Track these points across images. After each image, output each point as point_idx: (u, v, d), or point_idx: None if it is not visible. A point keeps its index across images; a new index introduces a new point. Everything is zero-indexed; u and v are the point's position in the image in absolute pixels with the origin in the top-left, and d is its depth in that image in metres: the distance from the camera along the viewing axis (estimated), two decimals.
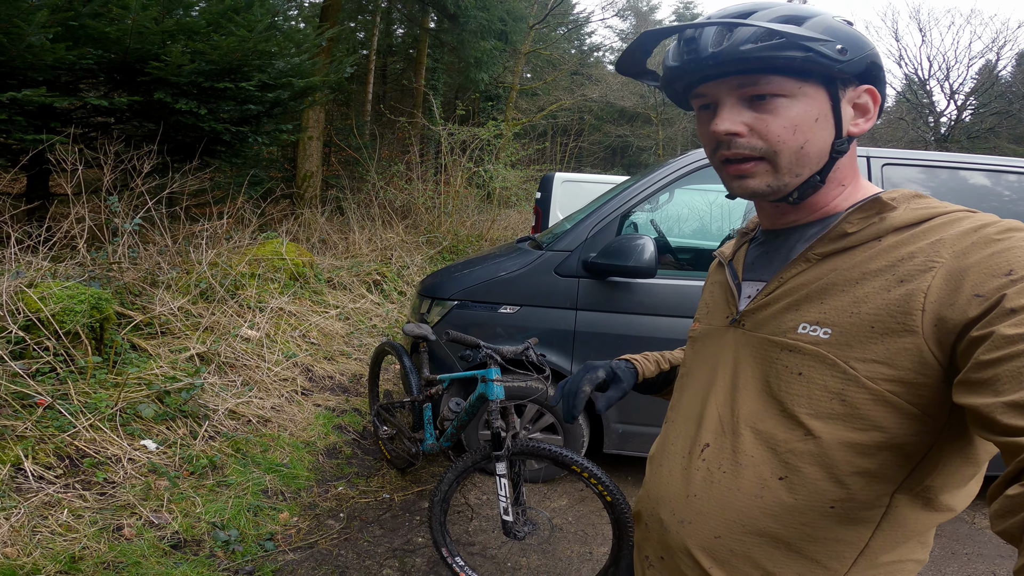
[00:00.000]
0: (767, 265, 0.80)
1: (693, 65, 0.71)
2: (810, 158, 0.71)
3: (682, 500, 0.77)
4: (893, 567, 0.69)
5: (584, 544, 2.55)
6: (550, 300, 2.78)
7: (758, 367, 0.73)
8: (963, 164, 2.82)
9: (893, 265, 0.64)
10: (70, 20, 3.97)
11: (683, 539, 0.76)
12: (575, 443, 2.86)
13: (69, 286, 2.82)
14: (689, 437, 0.80)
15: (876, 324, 0.63)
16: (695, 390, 0.83)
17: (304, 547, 2.36)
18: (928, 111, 21.23)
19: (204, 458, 2.63)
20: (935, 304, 0.59)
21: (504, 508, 2.00)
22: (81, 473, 2.36)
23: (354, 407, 3.66)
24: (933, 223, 0.65)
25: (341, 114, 13.88)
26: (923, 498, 0.65)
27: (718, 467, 0.74)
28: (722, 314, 0.84)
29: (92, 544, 2.05)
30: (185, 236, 4.73)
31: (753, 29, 0.67)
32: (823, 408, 0.65)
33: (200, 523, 2.30)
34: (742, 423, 0.73)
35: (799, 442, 0.67)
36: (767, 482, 0.69)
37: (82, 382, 2.68)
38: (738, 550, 0.71)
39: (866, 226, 0.69)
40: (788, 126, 0.70)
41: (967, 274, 0.58)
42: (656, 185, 2.81)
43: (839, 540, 0.67)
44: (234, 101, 5.30)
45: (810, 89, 0.69)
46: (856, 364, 0.63)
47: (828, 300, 0.68)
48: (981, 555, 2.60)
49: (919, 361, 0.60)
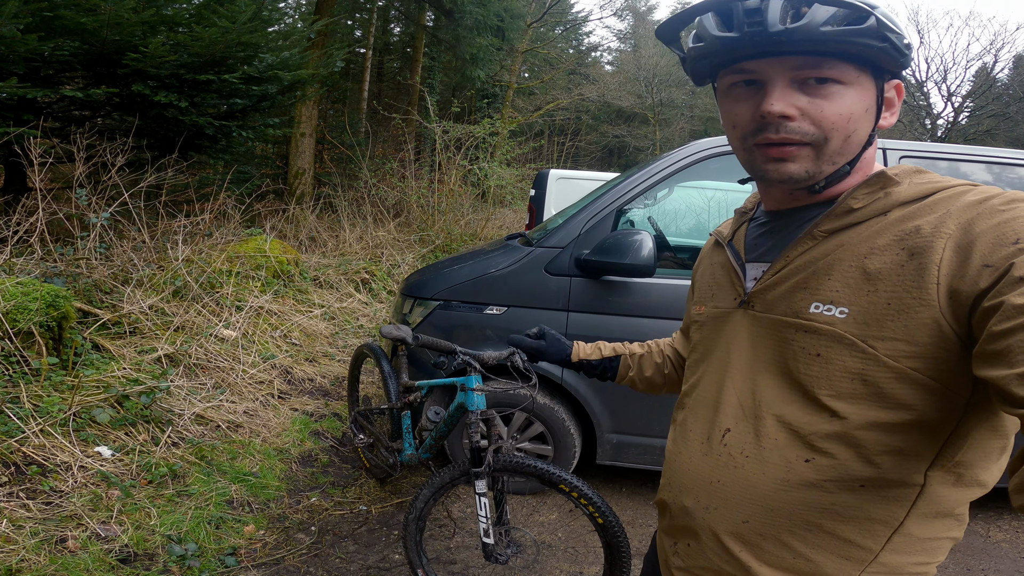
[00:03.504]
0: (772, 245, 0.78)
1: (757, 38, 0.65)
2: (852, 147, 0.70)
3: (706, 487, 0.76)
4: (928, 544, 0.68)
5: (574, 563, 2.37)
6: (540, 300, 2.60)
7: (774, 349, 0.72)
8: (983, 157, 2.66)
9: (901, 239, 0.63)
10: (44, 10, 3.80)
11: (710, 525, 0.75)
12: (566, 453, 2.68)
13: (23, 282, 2.63)
14: (707, 423, 0.79)
15: (893, 301, 0.62)
16: (710, 375, 0.81)
17: (269, 563, 2.18)
18: (925, 113, 21.14)
19: (164, 466, 2.44)
20: (948, 276, 0.58)
21: (484, 530, 1.81)
22: (26, 481, 2.18)
23: (334, 411, 3.47)
24: (938, 196, 0.65)
25: (336, 111, 13.69)
26: (955, 474, 0.65)
27: (740, 452, 0.73)
28: (729, 296, 0.82)
29: (31, 556, 1.88)
30: (163, 232, 4.53)
31: (833, 10, 0.63)
32: (845, 389, 0.65)
33: (154, 536, 2.12)
34: (763, 407, 0.72)
35: (824, 424, 0.66)
36: (793, 465, 0.68)
37: (35, 384, 2.49)
38: (768, 533, 0.70)
39: (872, 201, 0.68)
40: (844, 114, 0.67)
41: (975, 245, 0.58)
42: (654, 178, 2.63)
43: (872, 519, 0.66)
44: (218, 94, 5.12)
45: (865, 79, 0.68)
46: (875, 343, 0.62)
47: (838, 277, 0.67)
48: (999, 571, 2.43)
49: (937, 335, 0.59)
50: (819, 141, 0.68)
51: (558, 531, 2.58)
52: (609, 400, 2.62)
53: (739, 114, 0.72)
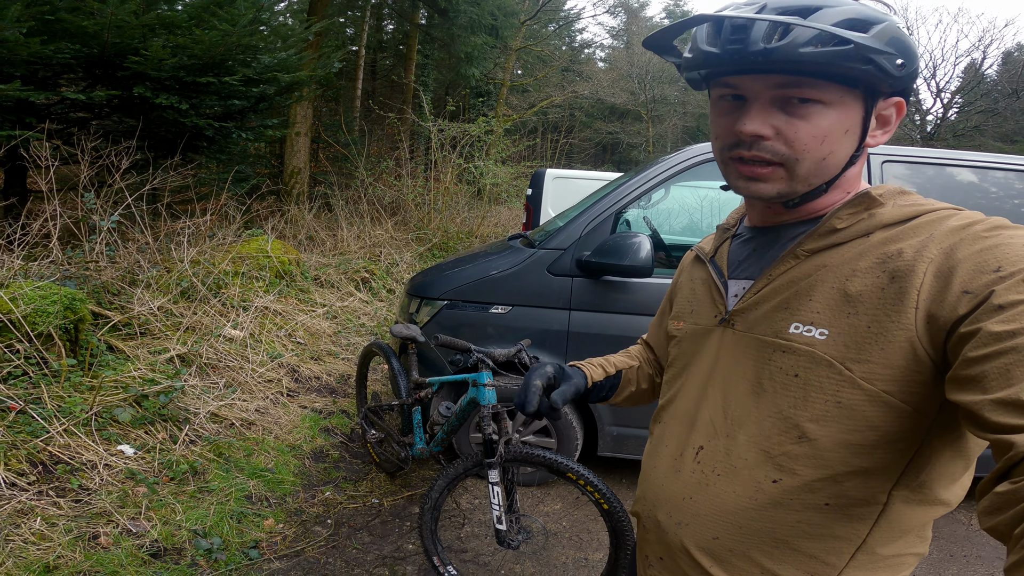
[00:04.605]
0: (755, 262, 0.78)
1: (737, 56, 0.66)
2: (828, 169, 0.70)
3: (678, 502, 0.77)
4: (892, 560, 0.69)
5: (579, 550, 2.49)
6: (543, 300, 2.70)
7: (751, 368, 0.72)
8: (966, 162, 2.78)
9: (883, 262, 0.63)
10: (46, 14, 3.85)
11: (682, 540, 0.76)
12: (569, 446, 2.79)
13: (41, 286, 2.70)
14: (682, 439, 0.79)
15: (872, 324, 0.62)
16: (687, 392, 0.82)
17: (290, 555, 2.28)
18: (914, 109, 21.38)
19: (184, 463, 2.53)
20: (927, 301, 0.59)
21: (497, 516, 1.93)
22: (55, 480, 2.26)
23: (342, 409, 3.57)
24: (921, 220, 0.65)
25: (330, 110, 13.69)
26: (919, 493, 0.65)
27: (712, 470, 0.74)
28: (709, 313, 0.81)
29: (67, 553, 1.96)
30: (166, 234, 4.60)
31: (816, 31, 0.62)
32: (819, 410, 0.65)
33: (181, 531, 2.21)
34: (736, 425, 0.72)
35: (793, 444, 0.67)
36: (761, 485, 0.69)
37: (56, 386, 2.57)
38: (737, 549, 0.71)
39: (855, 222, 0.68)
40: (817, 135, 0.67)
41: (956, 271, 0.58)
42: (652, 181, 2.74)
43: (836, 536, 0.67)
44: (217, 96, 5.17)
45: (850, 99, 0.67)
46: (852, 365, 0.63)
47: (819, 298, 0.67)
48: (980, 557, 2.57)
49: (912, 359, 0.60)
50: (790, 162, 0.68)
51: (562, 520, 2.70)
52: None
53: (720, 127, 0.73)
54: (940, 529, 2.77)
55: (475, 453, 2.04)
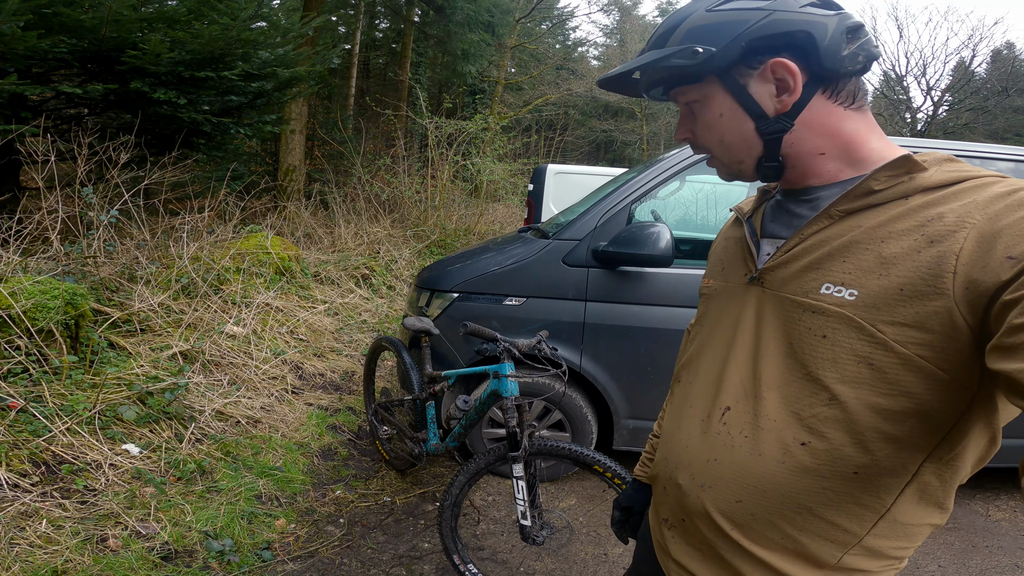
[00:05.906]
0: (787, 222, 0.78)
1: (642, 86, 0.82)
2: (736, 148, 0.75)
3: (702, 464, 0.76)
4: (910, 529, 0.69)
5: (598, 545, 2.44)
6: (558, 291, 2.65)
7: (780, 328, 0.71)
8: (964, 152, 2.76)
9: (922, 225, 0.62)
10: (43, 8, 3.76)
11: (703, 503, 0.75)
12: (584, 439, 2.74)
13: (41, 281, 2.62)
14: (708, 399, 0.78)
15: (906, 287, 0.61)
16: (713, 351, 0.80)
17: (304, 556, 2.21)
18: (905, 107, 21.53)
19: (192, 462, 2.46)
20: (967, 267, 0.57)
21: (522, 512, 1.87)
22: (59, 480, 2.18)
23: (348, 406, 3.50)
24: (964, 186, 0.63)
25: (324, 108, 13.56)
26: (950, 467, 0.65)
27: (739, 431, 0.73)
28: (740, 271, 0.81)
29: (75, 556, 1.88)
30: (164, 230, 4.50)
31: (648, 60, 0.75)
32: (849, 372, 0.64)
33: (191, 532, 2.14)
34: (764, 386, 0.71)
35: (823, 407, 0.66)
36: (789, 447, 0.68)
37: (57, 383, 2.49)
38: (759, 514, 0.71)
39: (894, 184, 0.66)
40: (703, 127, 0.77)
41: (1000, 236, 0.56)
42: (667, 173, 2.70)
43: (861, 505, 0.66)
44: (215, 91, 5.09)
45: (709, 88, 0.74)
46: (884, 327, 0.62)
47: (851, 259, 0.65)
48: (1001, 547, 2.55)
49: (950, 325, 0.58)
50: (710, 152, 0.79)
51: (579, 516, 2.65)
52: (626, 386, 2.69)
53: None
54: (960, 520, 2.74)
55: (495, 448, 1.98)
